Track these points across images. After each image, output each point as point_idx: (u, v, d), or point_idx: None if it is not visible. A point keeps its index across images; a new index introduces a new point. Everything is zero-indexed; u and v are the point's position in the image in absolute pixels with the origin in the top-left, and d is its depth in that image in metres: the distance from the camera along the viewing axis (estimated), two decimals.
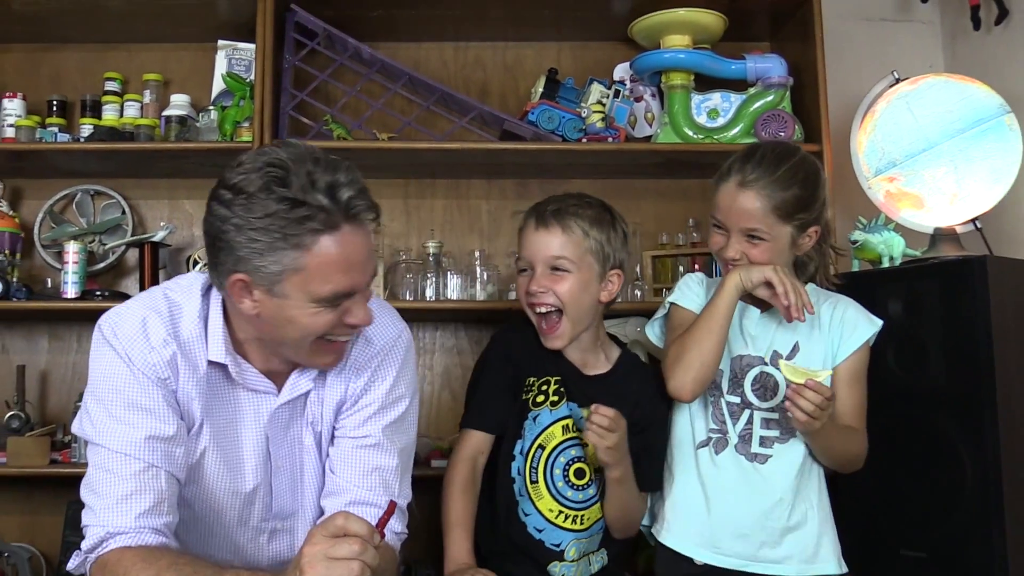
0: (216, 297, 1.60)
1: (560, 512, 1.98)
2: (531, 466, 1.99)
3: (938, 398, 2.31)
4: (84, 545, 1.53)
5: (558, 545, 1.98)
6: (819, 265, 2.13)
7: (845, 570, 2.06)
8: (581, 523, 2.00)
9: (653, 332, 2.20)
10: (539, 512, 1.98)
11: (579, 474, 2.01)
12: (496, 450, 2.06)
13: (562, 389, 2.04)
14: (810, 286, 2.10)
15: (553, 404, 2.03)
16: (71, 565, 1.59)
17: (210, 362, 1.60)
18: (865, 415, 2.06)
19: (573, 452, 2.02)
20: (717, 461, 2.03)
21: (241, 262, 1.45)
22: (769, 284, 1.94)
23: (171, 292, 1.63)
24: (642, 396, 2.07)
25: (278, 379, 1.66)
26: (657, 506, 2.12)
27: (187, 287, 1.64)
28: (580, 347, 2.09)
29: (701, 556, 2.02)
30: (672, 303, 2.13)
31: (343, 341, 1.58)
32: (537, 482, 1.99)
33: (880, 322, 2.08)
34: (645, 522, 2.14)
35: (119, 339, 1.56)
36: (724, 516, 2.02)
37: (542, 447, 2.01)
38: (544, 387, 2.04)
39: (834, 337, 2.04)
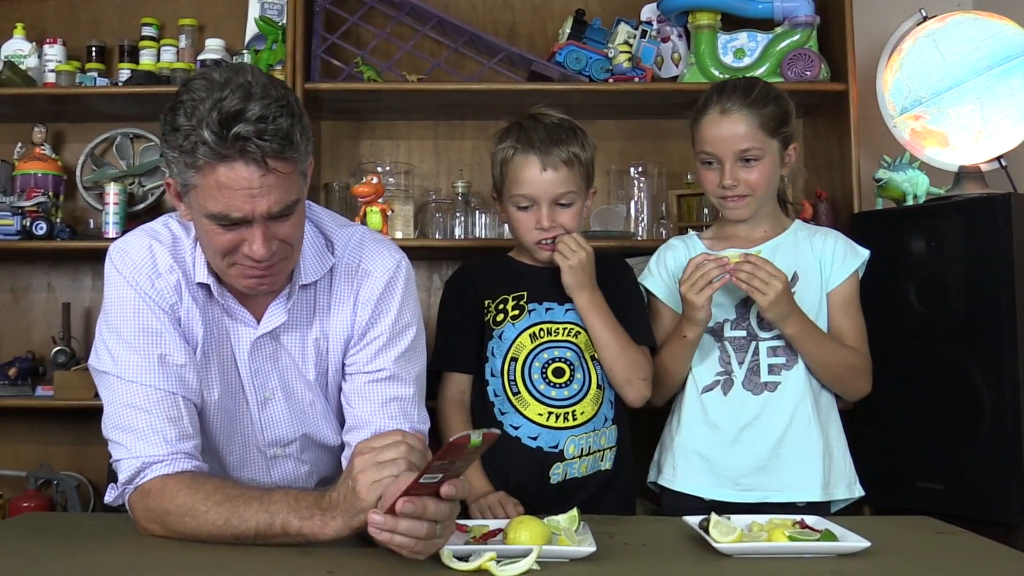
0: None
1: (550, 413, 2.02)
2: (509, 380, 2.04)
3: (959, 334, 2.33)
4: (121, 478, 1.57)
5: (556, 446, 2.02)
6: (789, 185, 2.25)
7: (861, 493, 2.10)
8: (574, 419, 2.03)
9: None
10: (529, 420, 2.02)
11: (558, 373, 2.05)
12: None
13: (523, 303, 2.08)
14: (797, 223, 2.18)
15: (514, 319, 2.07)
16: (108, 498, 1.64)
17: (199, 284, 1.64)
18: (865, 338, 2.11)
19: (546, 355, 2.06)
20: (726, 401, 2.07)
21: (169, 165, 1.52)
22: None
23: (171, 223, 1.68)
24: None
25: (258, 312, 1.69)
26: (663, 457, 2.15)
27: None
28: None
29: (720, 496, 2.05)
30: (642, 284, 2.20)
31: (255, 269, 1.55)
32: (519, 392, 2.03)
33: (867, 252, 2.13)
34: (651, 477, 2.18)
35: (128, 266, 1.61)
36: (743, 452, 2.05)
37: (515, 359, 2.05)
38: (501, 306, 2.09)
39: (825, 265, 2.10)
